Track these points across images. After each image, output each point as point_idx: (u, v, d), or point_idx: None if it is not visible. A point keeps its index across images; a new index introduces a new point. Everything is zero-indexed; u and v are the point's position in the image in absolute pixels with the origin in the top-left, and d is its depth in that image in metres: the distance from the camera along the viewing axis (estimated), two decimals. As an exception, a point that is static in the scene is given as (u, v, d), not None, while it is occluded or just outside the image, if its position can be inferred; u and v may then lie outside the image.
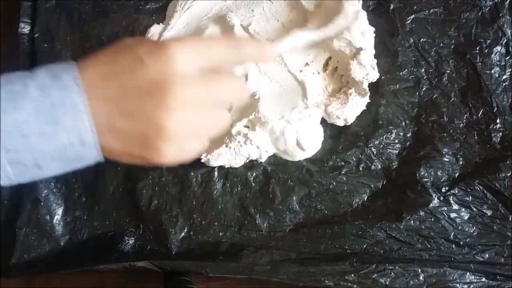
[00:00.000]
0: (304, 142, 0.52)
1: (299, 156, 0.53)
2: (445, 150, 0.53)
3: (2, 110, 0.26)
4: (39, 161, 0.27)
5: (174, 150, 0.29)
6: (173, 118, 0.28)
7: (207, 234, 0.51)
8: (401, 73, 0.56)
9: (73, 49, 0.57)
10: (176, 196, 0.52)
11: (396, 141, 0.54)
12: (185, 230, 0.51)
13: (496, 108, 0.54)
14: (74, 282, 0.51)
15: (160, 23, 0.59)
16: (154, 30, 0.58)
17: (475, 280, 0.47)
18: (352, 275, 0.47)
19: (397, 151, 0.54)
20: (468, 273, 0.47)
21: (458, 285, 0.47)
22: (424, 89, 0.55)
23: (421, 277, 0.47)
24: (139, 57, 0.28)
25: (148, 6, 0.59)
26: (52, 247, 0.51)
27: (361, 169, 0.53)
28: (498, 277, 0.47)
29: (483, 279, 0.47)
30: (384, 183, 0.53)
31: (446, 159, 0.52)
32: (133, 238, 0.51)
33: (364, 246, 0.49)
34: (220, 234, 0.51)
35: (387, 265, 0.47)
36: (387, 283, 0.47)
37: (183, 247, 0.51)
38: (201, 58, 0.30)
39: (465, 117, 0.54)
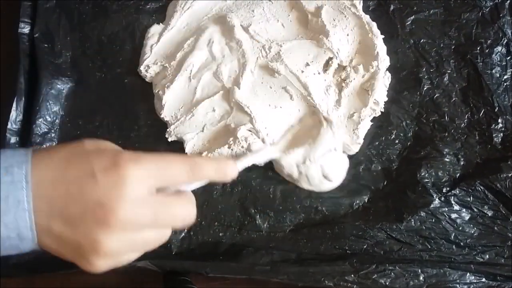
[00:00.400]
0: (332, 174, 0.51)
1: (327, 187, 0.51)
2: (446, 150, 0.53)
3: None
4: None
5: (107, 264, 0.29)
6: (111, 239, 0.28)
7: (207, 234, 0.51)
8: (402, 73, 0.56)
9: (73, 49, 0.57)
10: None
11: (397, 141, 0.54)
12: (185, 230, 0.51)
13: (497, 108, 0.54)
14: (74, 282, 0.51)
15: (160, 23, 0.59)
16: (154, 30, 0.58)
17: (475, 281, 0.47)
18: (352, 275, 0.46)
19: (398, 152, 0.53)
20: (468, 274, 0.47)
21: (458, 285, 0.47)
22: (425, 89, 0.55)
23: (421, 278, 0.47)
24: (93, 172, 0.28)
25: (148, 6, 0.59)
26: (52, 247, 0.51)
27: (361, 170, 0.53)
28: (498, 277, 0.47)
29: (483, 280, 0.47)
30: (385, 184, 0.53)
31: (447, 159, 0.52)
32: (132, 239, 0.51)
33: (365, 246, 0.49)
34: (220, 234, 0.51)
35: (387, 265, 0.47)
36: (387, 283, 0.46)
37: (183, 247, 0.50)
38: (155, 180, 0.30)
39: (466, 117, 0.54)
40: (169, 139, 0.53)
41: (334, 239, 0.50)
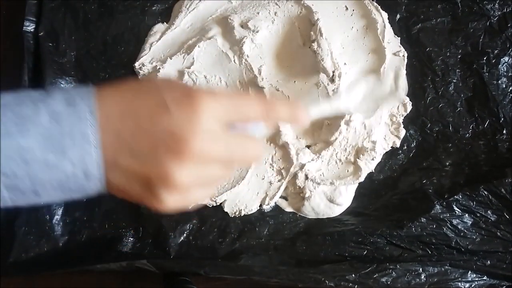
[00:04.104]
0: (339, 198, 0.51)
1: (337, 212, 0.52)
2: (449, 161, 0.52)
3: (7, 134, 0.25)
4: (38, 188, 0.26)
5: (176, 200, 0.28)
6: (183, 171, 0.27)
7: (206, 239, 0.51)
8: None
9: (78, 49, 0.57)
10: (177, 200, 0.52)
11: (400, 151, 0.53)
12: (184, 234, 0.51)
13: (502, 119, 0.53)
14: (73, 282, 0.51)
15: (165, 22, 0.58)
16: (158, 28, 0.58)
17: (476, 279, 0.47)
18: (353, 275, 0.46)
19: (400, 162, 0.53)
20: (469, 272, 0.47)
21: (459, 283, 0.46)
22: (429, 98, 0.55)
23: (422, 276, 0.46)
24: (165, 103, 0.27)
25: (154, 8, 0.59)
26: (51, 247, 0.50)
27: (363, 179, 0.52)
28: (500, 275, 0.47)
29: (484, 278, 0.47)
30: (386, 191, 0.52)
31: (450, 170, 0.52)
32: (132, 241, 0.51)
33: (365, 252, 0.49)
34: (219, 240, 0.51)
35: (387, 264, 0.46)
36: (389, 282, 0.46)
37: (181, 251, 0.50)
38: (229, 115, 0.29)
39: (471, 127, 0.54)
40: None
41: (334, 246, 0.50)
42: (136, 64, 0.56)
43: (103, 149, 0.26)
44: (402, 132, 0.53)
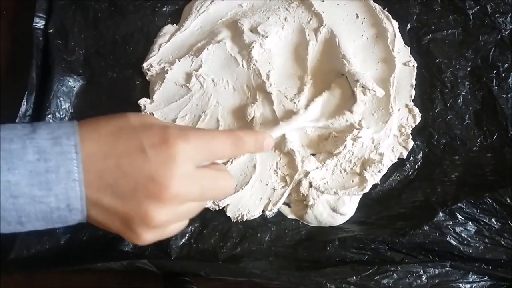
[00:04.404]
0: (343, 207, 0.51)
1: (340, 221, 0.51)
2: (455, 174, 0.52)
3: None
4: (23, 220, 0.28)
5: (154, 236, 0.31)
6: (161, 212, 0.29)
7: (207, 243, 0.51)
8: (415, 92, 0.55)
9: (87, 47, 0.57)
10: (180, 203, 0.52)
11: (406, 162, 0.53)
12: (186, 237, 0.51)
13: (511, 133, 0.53)
14: (74, 281, 0.50)
15: (174, 24, 0.59)
16: (167, 30, 0.58)
17: (478, 280, 0.46)
18: (354, 277, 0.45)
19: (406, 173, 0.53)
20: (470, 273, 0.46)
21: (461, 284, 0.46)
22: (438, 109, 0.54)
23: (423, 278, 0.46)
24: (143, 148, 0.29)
25: (164, 9, 0.59)
26: (52, 244, 0.50)
27: (367, 190, 0.52)
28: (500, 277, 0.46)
29: (486, 278, 0.46)
30: (390, 202, 0.52)
31: (456, 181, 0.52)
32: (133, 241, 0.51)
33: (365, 258, 0.48)
34: (220, 244, 0.50)
35: (389, 266, 0.46)
36: (390, 284, 0.45)
37: (182, 253, 0.50)
38: (202, 155, 0.31)
39: (478, 140, 0.53)
40: None
41: (335, 252, 0.49)
42: (144, 65, 0.56)
43: (86, 187, 0.28)
44: (411, 144, 0.53)
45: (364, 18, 0.56)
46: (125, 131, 0.30)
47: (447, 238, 0.48)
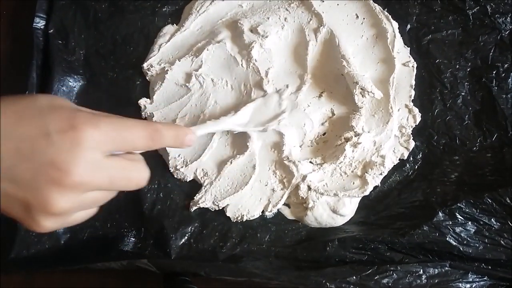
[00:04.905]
0: (342, 208, 0.51)
1: (340, 222, 0.51)
2: (455, 174, 0.52)
3: None
4: None
5: (55, 224, 0.29)
6: (62, 199, 0.28)
7: (207, 243, 0.51)
8: (414, 93, 0.55)
9: (87, 47, 0.57)
10: (180, 203, 0.52)
11: (405, 163, 0.53)
12: (186, 237, 0.51)
13: (511, 133, 0.53)
14: (74, 281, 0.51)
15: (174, 24, 0.59)
16: (167, 30, 0.58)
17: (477, 279, 0.46)
18: (354, 277, 0.46)
19: (406, 174, 0.53)
20: (470, 273, 0.46)
21: (460, 284, 0.46)
22: (437, 110, 0.54)
23: (423, 278, 0.46)
24: (48, 131, 0.27)
25: (164, 9, 0.59)
26: (52, 244, 0.50)
27: (368, 192, 0.52)
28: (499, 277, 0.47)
29: (485, 278, 0.46)
30: (389, 201, 0.52)
31: (455, 181, 0.52)
32: (133, 241, 0.51)
33: (365, 258, 0.49)
34: (220, 244, 0.50)
35: (388, 266, 0.46)
36: (390, 284, 0.46)
37: (182, 253, 0.50)
38: (113, 145, 0.30)
39: (478, 141, 0.53)
40: None
41: (335, 252, 0.49)
42: (145, 65, 0.56)
43: None
44: (412, 144, 0.53)
45: (364, 19, 0.57)
46: (30, 111, 0.28)
47: (447, 238, 0.48)
